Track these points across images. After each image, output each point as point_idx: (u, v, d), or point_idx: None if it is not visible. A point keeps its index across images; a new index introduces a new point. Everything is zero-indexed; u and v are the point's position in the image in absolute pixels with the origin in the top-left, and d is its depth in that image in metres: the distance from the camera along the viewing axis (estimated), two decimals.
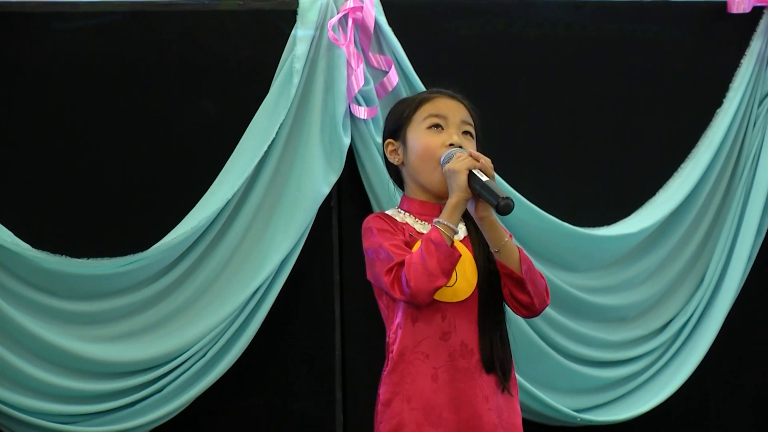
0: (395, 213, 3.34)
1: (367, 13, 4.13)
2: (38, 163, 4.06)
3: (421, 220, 3.31)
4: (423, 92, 3.40)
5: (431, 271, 3.13)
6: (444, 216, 3.18)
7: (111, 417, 4.05)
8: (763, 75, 4.58)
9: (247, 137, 4.11)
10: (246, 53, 4.17)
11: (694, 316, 4.58)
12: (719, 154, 4.54)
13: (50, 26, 4.06)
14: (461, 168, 3.17)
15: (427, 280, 3.14)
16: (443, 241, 3.14)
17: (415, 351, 3.21)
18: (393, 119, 3.36)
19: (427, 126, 3.28)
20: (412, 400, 3.20)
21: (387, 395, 3.23)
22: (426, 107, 3.30)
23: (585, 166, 4.51)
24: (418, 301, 3.18)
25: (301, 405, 4.26)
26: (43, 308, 3.98)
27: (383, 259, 3.21)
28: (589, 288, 4.47)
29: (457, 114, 3.30)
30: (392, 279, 3.18)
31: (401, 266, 3.16)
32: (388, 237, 3.25)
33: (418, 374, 3.20)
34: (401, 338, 3.23)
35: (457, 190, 3.18)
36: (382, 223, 3.28)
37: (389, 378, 3.24)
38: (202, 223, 4.03)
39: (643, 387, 4.56)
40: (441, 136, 3.27)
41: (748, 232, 4.56)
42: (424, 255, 3.13)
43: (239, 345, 4.11)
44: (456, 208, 3.18)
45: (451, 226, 3.17)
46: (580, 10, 4.48)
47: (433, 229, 3.17)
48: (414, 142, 3.29)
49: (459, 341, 3.22)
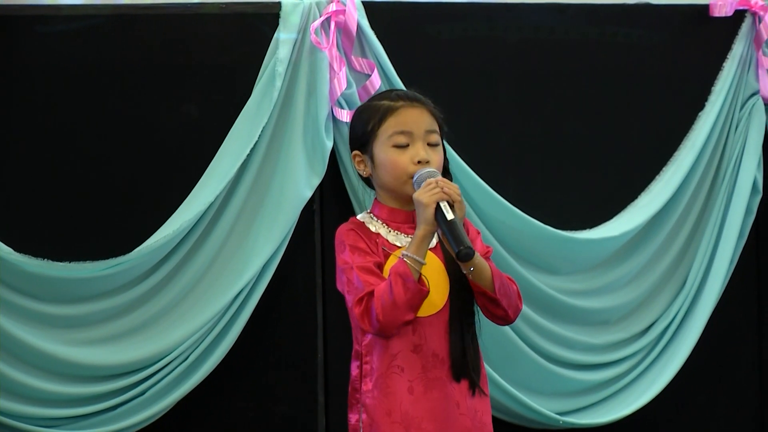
0: (368, 220, 3.32)
1: (349, 16, 4.13)
2: (19, 166, 4.06)
3: (393, 229, 3.30)
4: (384, 99, 3.33)
5: (399, 305, 3.14)
6: (411, 249, 3.16)
7: (94, 420, 4.05)
8: (745, 78, 4.59)
9: (229, 140, 4.10)
10: (228, 56, 4.16)
11: (676, 319, 4.58)
12: (701, 157, 4.55)
13: (32, 30, 4.05)
14: (429, 201, 3.15)
15: (395, 315, 3.15)
16: (411, 276, 3.13)
17: (392, 365, 3.21)
18: (358, 131, 3.33)
19: (392, 144, 3.26)
20: (392, 413, 3.21)
21: (371, 411, 3.23)
22: (390, 122, 3.27)
23: (567, 170, 4.51)
24: (386, 335, 3.20)
25: (283, 408, 4.26)
26: (25, 312, 3.97)
27: (354, 287, 3.21)
28: (571, 291, 4.47)
29: (421, 125, 3.27)
30: (362, 311, 3.18)
31: (371, 297, 3.17)
32: (359, 257, 3.24)
33: (396, 388, 3.21)
34: (378, 354, 3.24)
35: (424, 223, 3.16)
36: (356, 239, 3.26)
37: (371, 393, 3.24)
38: (185, 226, 4.02)
39: (626, 390, 4.57)
40: (408, 153, 3.25)
41: (730, 236, 4.56)
42: (392, 289, 3.13)
43: (222, 348, 4.11)
44: (423, 240, 3.17)
45: (418, 260, 3.15)
46: (563, 14, 4.48)
47: (401, 262, 3.15)
48: (381, 159, 3.27)
49: (430, 352, 3.22)
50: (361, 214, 3.35)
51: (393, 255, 3.24)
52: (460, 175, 4.26)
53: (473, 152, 4.30)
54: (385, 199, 3.33)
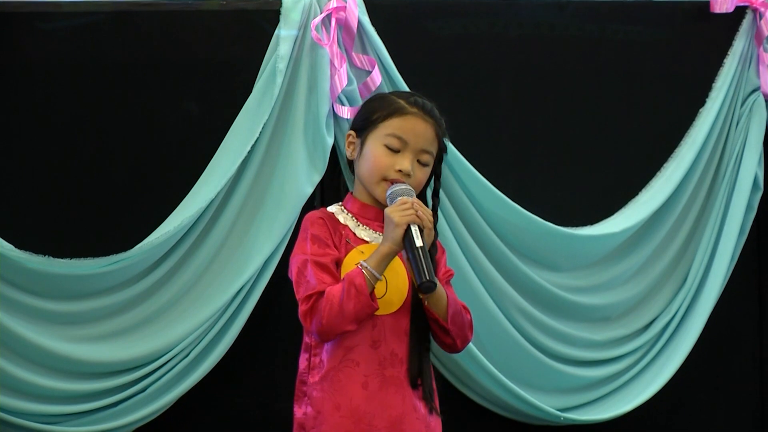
0: (339, 211, 3.32)
1: (350, 12, 4.12)
2: (20, 162, 4.06)
3: (362, 224, 3.29)
4: (402, 98, 3.35)
5: (346, 315, 3.13)
6: (371, 262, 3.15)
7: (94, 417, 4.05)
8: (746, 75, 4.58)
9: (230, 137, 4.10)
10: (229, 53, 4.16)
11: (677, 315, 4.57)
12: (702, 153, 4.54)
13: (33, 26, 4.06)
14: (400, 222, 3.14)
15: (339, 323, 3.14)
16: (365, 289, 3.13)
17: (345, 359, 3.20)
18: (364, 114, 3.34)
19: (385, 143, 3.26)
20: (341, 407, 3.20)
21: (318, 404, 3.22)
22: (394, 122, 3.27)
23: (568, 166, 4.50)
24: (324, 339, 3.20)
25: (283, 405, 4.14)
26: (26, 308, 3.98)
27: (305, 281, 3.20)
28: (572, 287, 4.46)
29: (420, 140, 3.26)
30: (308, 309, 3.17)
31: (320, 297, 3.16)
32: (319, 249, 3.22)
33: (348, 382, 3.20)
34: (330, 347, 3.23)
35: (391, 242, 3.15)
36: (321, 229, 3.25)
37: (320, 386, 3.22)
38: (186, 223, 4.02)
39: (627, 386, 4.56)
40: (394, 158, 3.25)
41: (731, 232, 4.55)
42: (344, 297, 3.12)
43: (222, 345, 4.11)
44: (385, 257, 3.16)
45: (375, 275, 3.14)
46: (563, 11, 4.48)
47: (358, 272, 3.14)
48: (369, 150, 3.28)
49: (389, 350, 3.22)
50: (333, 205, 3.35)
51: (355, 249, 3.23)
52: (460, 171, 4.26)
53: (474, 148, 4.30)
54: (360, 192, 3.32)
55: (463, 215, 4.28)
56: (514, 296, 4.33)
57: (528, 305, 4.37)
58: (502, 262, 4.33)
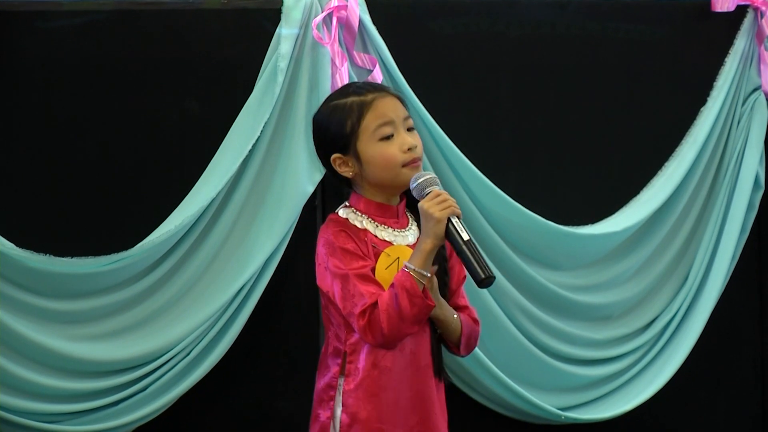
0: (352, 215, 3.27)
1: (351, 11, 4.13)
2: (21, 161, 4.06)
3: (380, 224, 3.25)
4: (350, 95, 3.25)
5: (405, 320, 3.10)
6: (416, 262, 3.11)
7: (95, 416, 4.05)
8: (747, 73, 4.60)
9: (231, 136, 4.10)
10: (230, 52, 4.17)
11: (678, 314, 4.59)
12: (703, 152, 4.55)
13: (33, 25, 4.05)
14: (442, 217, 3.10)
15: (401, 329, 3.12)
16: (417, 291, 3.09)
17: (378, 366, 3.19)
18: (334, 133, 3.24)
19: (379, 138, 3.20)
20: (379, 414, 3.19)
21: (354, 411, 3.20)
22: (369, 116, 3.20)
23: (569, 165, 4.52)
24: (390, 347, 3.18)
25: (284, 404, 4.26)
26: (27, 307, 3.98)
27: (353, 296, 3.15)
28: (573, 286, 4.47)
29: (398, 112, 3.22)
30: (366, 323, 3.13)
31: (374, 308, 3.12)
32: (355, 262, 3.18)
33: (382, 389, 3.19)
34: (366, 354, 3.21)
35: (434, 237, 3.10)
36: (346, 240, 3.20)
37: (355, 393, 3.21)
38: (187, 222, 4.02)
39: (628, 385, 4.57)
40: (396, 143, 3.20)
41: (732, 231, 4.57)
42: (399, 304, 3.09)
43: (223, 344, 4.11)
44: (429, 254, 3.12)
45: (424, 273, 3.11)
46: (564, 10, 4.48)
47: (406, 276, 3.10)
48: (370, 155, 3.21)
49: (412, 348, 3.21)
50: (340, 209, 3.29)
51: (383, 253, 3.20)
52: (461, 169, 4.26)
53: (475, 147, 4.31)
54: (370, 193, 3.27)
55: (464, 214, 4.26)
56: (515, 295, 4.34)
57: (529, 304, 4.38)
58: (503, 260, 4.34)
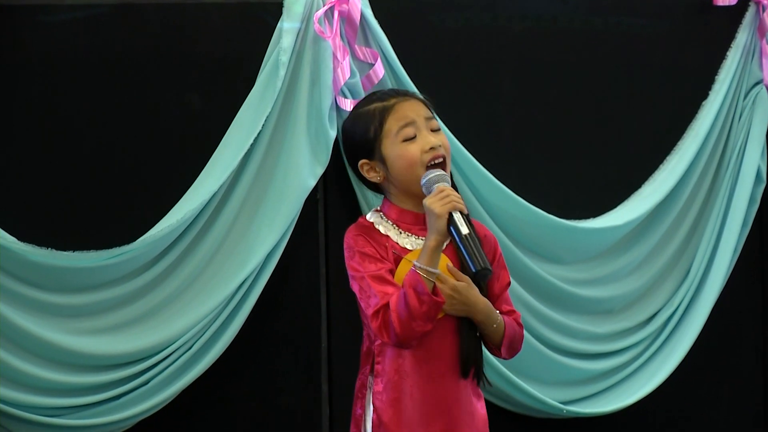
0: (378, 220, 3.29)
1: (353, 5, 4.13)
2: (23, 156, 4.06)
3: (404, 230, 3.26)
4: (373, 101, 3.30)
5: (416, 318, 3.12)
6: (423, 260, 3.13)
7: (97, 409, 4.05)
8: (749, 67, 4.60)
9: (233, 130, 4.11)
10: (232, 46, 4.17)
11: (680, 308, 4.59)
12: (705, 146, 4.56)
13: (35, 19, 4.05)
14: (442, 212, 3.12)
15: (414, 327, 3.13)
16: (425, 288, 3.11)
17: (399, 370, 3.21)
18: (359, 139, 3.28)
19: (402, 139, 3.23)
20: (402, 415, 3.21)
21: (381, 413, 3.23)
22: (391, 120, 3.24)
23: (571, 159, 4.52)
24: (407, 346, 3.19)
25: (287, 397, 4.26)
26: (29, 301, 3.97)
27: (368, 297, 3.19)
28: (575, 280, 4.48)
29: (420, 113, 3.26)
30: (380, 324, 3.16)
31: (387, 309, 3.15)
32: (371, 264, 3.21)
33: (403, 394, 3.21)
34: (390, 356, 3.24)
35: (436, 233, 3.13)
36: (365, 244, 3.23)
37: (381, 396, 3.23)
38: (188, 216, 4.03)
39: (630, 379, 4.57)
40: (418, 143, 3.23)
41: (734, 224, 4.58)
42: (408, 302, 3.11)
43: (225, 337, 4.11)
44: (435, 251, 3.14)
45: (431, 270, 3.12)
46: (566, 4, 4.49)
47: (414, 273, 3.12)
48: (394, 156, 3.24)
49: (437, 353, 3.21)
50: (370, 213, 3.33)
51: (404, 259, 3.21)
52: (463, 164, 4.27)
53: (476, 141, 4.31)
54: (398, 200, 3.29)
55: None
56: (516, 289, 4.34)
57: (531, 298, 4.38)
58: (505, 254, 4.29)
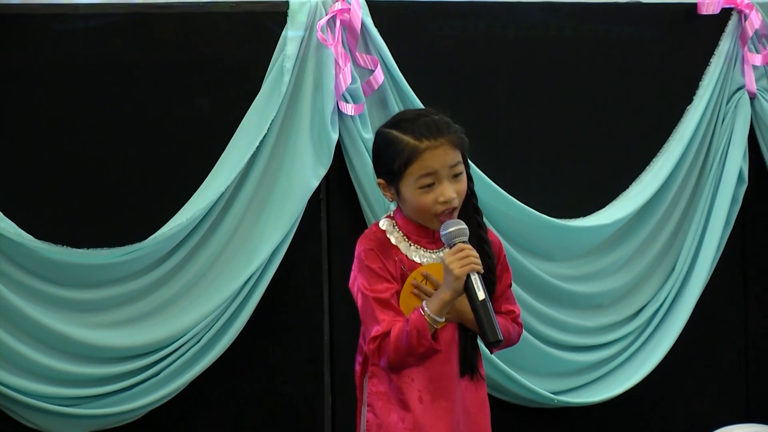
0: (390, 228, 3.26)
1: (354, 14, 4.15)
2: (40, 159, 4.08)
3: (413, 243, 3.24)
4: (410, 134, 3.18)
5: (412, 356, 3.15)
6: (433, 308, 3.13)
7: (110, 400, 4.09)
8: (732, 73, 4.60)
9: (239, 133, 4.13)
10: (238, 53, 4.18)
11: (665, 302, 4.61)
12: (689, 148, 4.56)
13: (49, 27, 4.06)
14: (461, 274, 3.09)
15: (405, 362, 3.16)
16: (427, 333, 3.12)
17: (402, 374, 3.23)
18: (384, 166, 3.22)
19: (419, 186, 3.17)
20: (405, 419, 3.22)
21: (382, 414, 3.23)
22: (416, 165, 3.16)
23: (562, 161, 4.52)
24: (392, 372, 3.21)
25: (291, 388, 4.28)
26: (45, 296, 4.01)
27: (371, 319, 3.18)
28: (565, 276, 4.50)
29: (446, 162, 3.17)
30: (376, 348, 3.17)
31: (386, 337, 3.15)
32: (379, 285, 3.19)
33: (406, 397, 3.21)
34: None
35: (452, 291, 3.11)
36: (375, 262, 3.19)
37: (384, 396, 3.24)
38: (197, 215, 4.05)
39: (618, 370, 4.59)
40: (434, 193, 3.17)
41: (717, 224, 4.58)
42: (408, 341, 3.12)
43: (232, 331, 4.14)
44: (446, 305, 3.13)
45: (437, 320, 3.13)
46: (558, 12, 4.49)
47: (420, 317, 3.13)
48: (408, 197, 3.19)
49: (437, 358, 3.22)
50: (383, 219, 3.29)
51: (411, 275, 3.20)
52: None
53: (472, 144, 4.12)
54: (408, 215, 3.26)
55: None
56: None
57: (523, 293, 4.40)
58: None
